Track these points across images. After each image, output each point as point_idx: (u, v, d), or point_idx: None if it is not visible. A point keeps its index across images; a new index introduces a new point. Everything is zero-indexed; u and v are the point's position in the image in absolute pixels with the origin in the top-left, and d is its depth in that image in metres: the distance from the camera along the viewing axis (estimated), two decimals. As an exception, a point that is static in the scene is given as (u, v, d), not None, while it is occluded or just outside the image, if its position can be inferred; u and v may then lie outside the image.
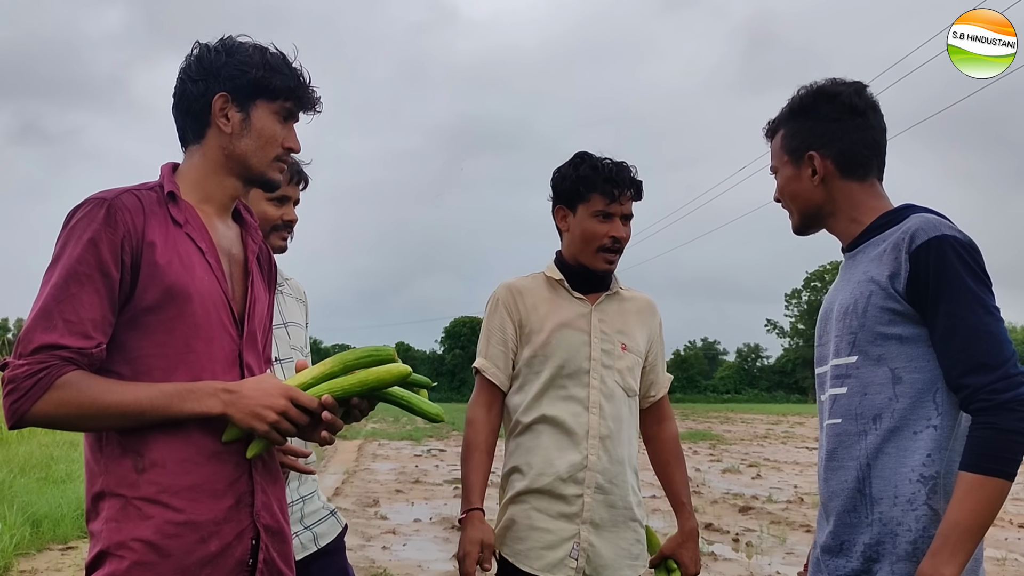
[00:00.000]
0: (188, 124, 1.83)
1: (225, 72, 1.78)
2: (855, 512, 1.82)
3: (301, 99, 1.86)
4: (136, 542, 1.62)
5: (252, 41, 1.84)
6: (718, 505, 10.54)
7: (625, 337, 2.61)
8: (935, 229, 1.75)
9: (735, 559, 7.37)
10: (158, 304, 1.67)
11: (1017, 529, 8.82)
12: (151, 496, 1.64)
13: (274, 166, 1.85)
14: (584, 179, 2.52)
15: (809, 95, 1.98)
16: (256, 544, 1.74)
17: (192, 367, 1.69)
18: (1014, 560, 7.29)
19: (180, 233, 1.73)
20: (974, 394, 1.68)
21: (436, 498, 10.98)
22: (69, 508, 7.85)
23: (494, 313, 2.59)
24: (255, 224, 1.96)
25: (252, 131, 1.81)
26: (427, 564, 6.90)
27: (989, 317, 1.71)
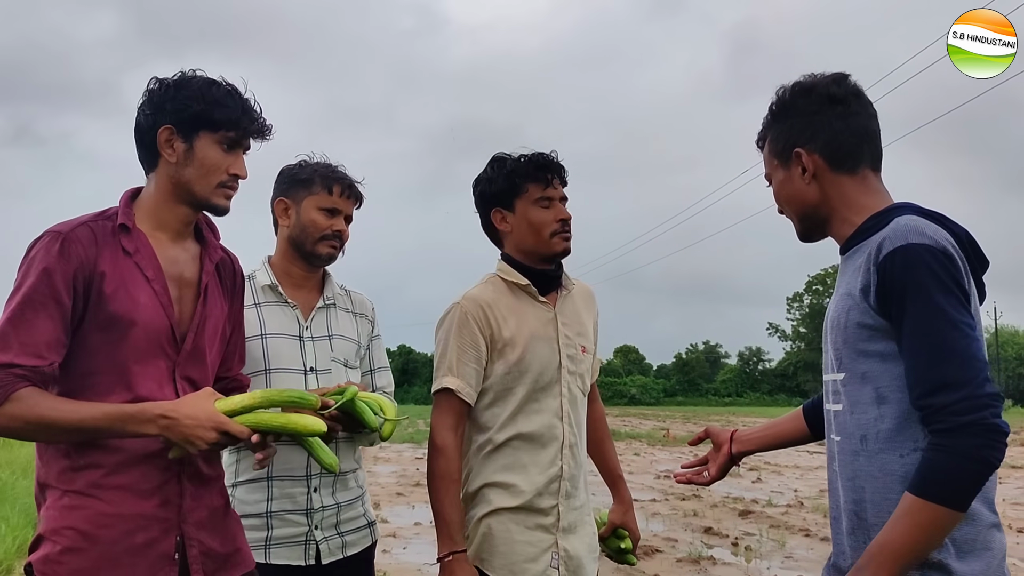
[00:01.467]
0: (142, 154, 2.00)
1: (171, 106, 1.94)
2: (854, 535, 1.72)
3: (245, 129, 1.99)
4: (69, 529, 1.82)
5: (204, 76, 1.99)
6: (718, 509, 10.55)
7: (583, 339, 2.62)
8: (902, 237, 1.62)
9: (734, 563, 7.39)
10: (103, 328, 1.86)
11: (1016, 534, 8.83)
12: (83, 490, 1.84)
13: (218, 192, 1.99)
14: (515, 173, 2.53)
15: (787, 93, 1.90)
16: (181, 541, 1.92)
17: (130, 385, 1.87)
18: (1013, 565, 7.30)
19: (129, 262, 1.90)
20: (935, 414, 1.55)
21: (437, 501, 10.97)
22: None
23: (463, 328, 2.47)
24: (215, 242, 2.12)
25: (195, 160, 1.95)
26: (427, 567, 6.92)
27: (955, 332, 1.56)
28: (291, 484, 2.47)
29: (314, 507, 2.50)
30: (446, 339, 2.49)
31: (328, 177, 2.57)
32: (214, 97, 1.94)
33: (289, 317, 2.56)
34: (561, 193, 2.56)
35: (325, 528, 2.52)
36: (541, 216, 2.51)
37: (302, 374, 2.52)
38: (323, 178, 2.57)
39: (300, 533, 2.47)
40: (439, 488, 2.44)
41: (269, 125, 2.04)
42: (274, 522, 2.45)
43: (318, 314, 2.62)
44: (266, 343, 2.50)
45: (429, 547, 7.82)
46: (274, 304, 2.56)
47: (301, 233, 2.57)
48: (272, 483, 2.47)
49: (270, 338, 2.51)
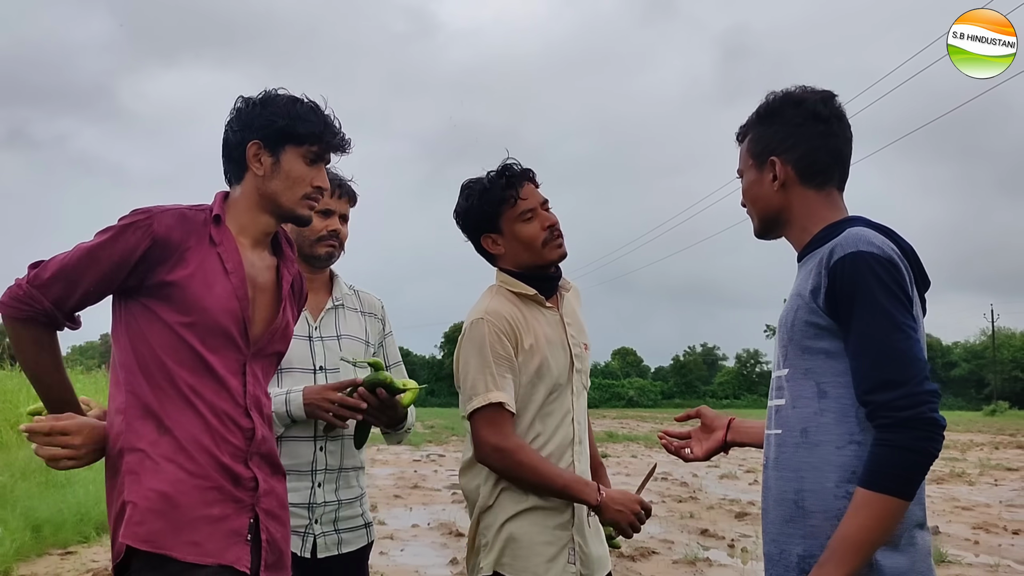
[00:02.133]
0: (230, 168, 2.12)
1: (258, 122, 2.06)
2: (792, 523, 1.82)
3: (327, 143, 2.11)
4: (151, 491, 1.89)
5: (288, 93, 2.11)
6: (714, 510, 10.59)
7: (583, 336, 2.66)
8: (853, 245, 1.74)
9: (730, 564, 7.43)
10: (176, 309, 1.96)
11: (1011, 536, 8.87)
12: (168, 454, 1.92)
13: (303, 203, 2.10)
14: (486, 199, 2.55)
15: (776, 100, 1.98)
16: (255, 523, 1.99)
17: (194, 367, 1.97)
18: (1007, 567, 7.34)
19: (213, 252, 2.01)
20: (877, 410, 1.68)
21: (435, 503, 11.02)
22: (70, 513, 7.88)
23: (495, 343, 2.44)
24: (292, 257, 2.22)
25: (281, 173, 2.07)
26: (424, 569, 6.94)
27: (898, 334, 1.69)
28: (296, 478, 2.51)
29: (316, 502, 2.57)
30: (479, 354, 2.45)
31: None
32: (298, 113, 2.07)
33: (300, 317, 2.60)
34: (539, 198, 2.56)
35: (324, 523, 2.58)
36: (528, 230, 2.53)
37: (312, 373, 2.60)
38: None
39: (300, 526, 2.53)
40: (547, 472, 2.43)
41: (349, 139, 2.16)
42: None
43: (327, 315, 2.70)
44: None
45: (427, 549, 7.86)
46: None
47: (299, 237, 2.62)
48: None
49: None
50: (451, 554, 7.50)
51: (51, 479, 10.04)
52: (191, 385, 1.95)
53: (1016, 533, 9.01)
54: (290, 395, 2.48)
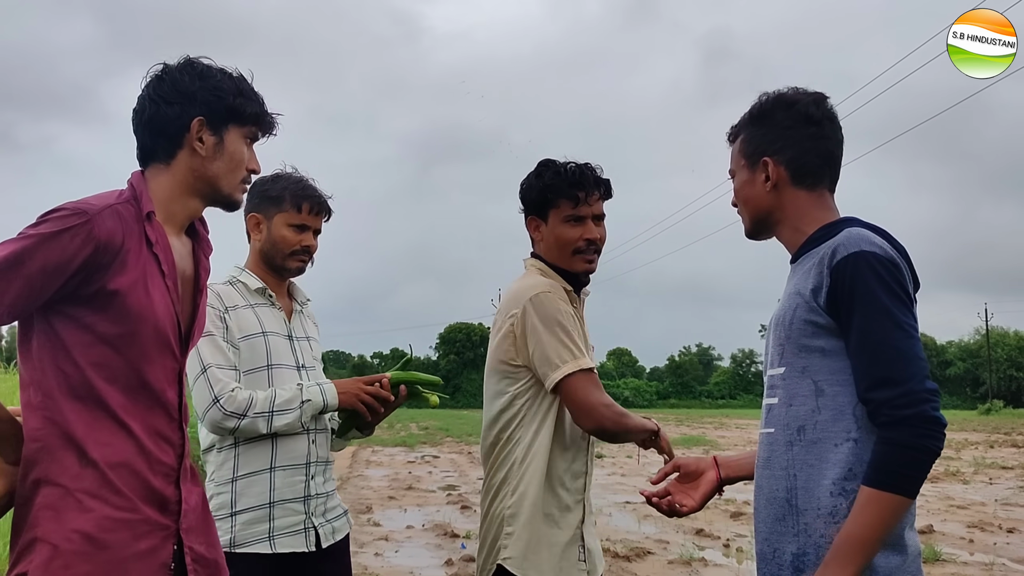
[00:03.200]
0: (159, 144, 1.88)
1: (201, 96, 1.87)
2: (784, 521, 1.83)
3: (265, 124, 1.99)
4: (75, 533, 1.69)
5: (216, 64, 1.93)
6: (709, 511, 10.56)
7: (590, 337, 2.67)
8: (855, 244, 1.75)
9: (725, 564, 7.41)
10: (115, 320, 1.74)
11: (1006, 534, 8.88)
12: (92, 490, 1.71)
13: (240, 187, 1.97)
14: (550, 187, 2.54)
15: (769, 101, 1.99)
16: (179, 549, 1.83)
17: (130, 383, 1.78)
18: (1002, 565, 7.34)
19: (149, 255, 1.81)
20: (878, 409, 1.69)
21: (429, 504, 11.00)
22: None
23: (563, 306, 2.45)
24: (207, 237, 2.04)
25: (224, 154, 1.91)
26: (419, 571, 6.92)
27: (899, 332, 1.70)
28: (293, 473, 2.58)
29: (311, 494, 2.61)
30: (557, 324, 2.41)
31: (297, 195, 2.68)
32: (243, 90, 1.92)
33: (278, 318, 2.70)
34: (596, 211, 2.56)
35: (317, 515, 2.63)
36: (568, 233, 2.53)
37: (295, 370, 2.67)
38: (292, 196, 2.68)
39: (299, 521, 2.57)
40: (625, 419, 2.48)
41: (277, 122, 2.03)
42: (276, 512, 2.53)
43: (295, 317, 2.78)
44: (267, 340, 2.62)
45: (421, 550, 7.84)
46: (265, 306, 2.69)
47: (272, 248, 2.70)
48: (275, 474, 2.55)
49: (270, 336, 2.63)
50: (446, 555, 7.49)
51: None
52: (124, 405, 1.76)
53: (1011, 531, 9.01)
54: (324, 387, 2.57)
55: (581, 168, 2.56)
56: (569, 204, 2.52)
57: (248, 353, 2.56)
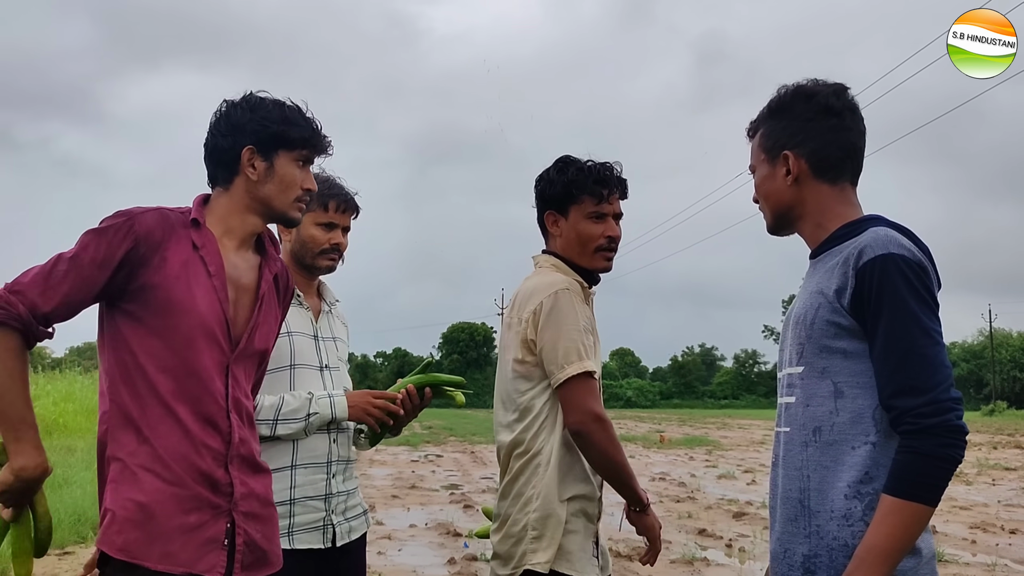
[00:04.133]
0: (219, 172, 2.12)
1: (250, 127, 2.08)
2: (796, 522, 1.81)
3: (316, 146, 2.16)
4: (129, 501, 1.91)
5: (271, 96, 2.14)
6: (712, 511, 10.58)
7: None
8: (883, 247, 1.71)
9: (728, 564, 7.42)
10: (158, 312, 1.96)
11: (1008, 535, 8.87)
12: (146, 464, 1.93)
13: (295, 206, 2.14)
14: (574, 182, 2.55)
15: (788, 94, 1.95)
16: (232, 527, 1.99)
17: (177, 372, 1.97)
18: (1004, 566, 7.34)
19: (195, 256, 2.02)
20: (901, 416, 1.66)
21: (432, 504, 11.01)
22: (67, 513, 7.87)
23: (580, 312, 2.45)
24: (275, 255, 2.23)
25: (275, 178, 2.10)
26: (422, 569, 6.93)
27: (926, 339, 1.67)
28: (314, 471, 2.62)
29: (331, 492, 2.65)
30: (567, 323, 2.41)
31: (324, 194, 2.69)
32: (289, 118, 2.10)
33: (304, 318, 2.73)
34: (616, 209, 2.58)
35: (337, 513, 2.67)
36: (590, 230, 2.55)
37: (319, 370, 2.70)
38: (319, 195, 2.65)
39: (319, 518, 2.61)
40: (620, 451, 2.47)
41: (331, 142, 2.20)
42: (296, 509, 2.57)
43: (323, 317, 2.80)
44: (292, 340, 2.65)
45: (424, 549, 7.85)
46: (292, 305, 2.68)
47: (302, 248, 2.74)
48: (296, 471, 2.59)
49: (295, 336, 2.66)
50: (448, 554, 7.50)
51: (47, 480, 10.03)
52: (172, 391, 1.95)
53: (1014, 532, 9.01)
54: (334, 399, 2.61)
55: (604, 166, 2.58)
56: (592, 201, 2.54)
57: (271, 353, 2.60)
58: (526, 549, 2.43)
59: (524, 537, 2.44)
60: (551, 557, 2.40)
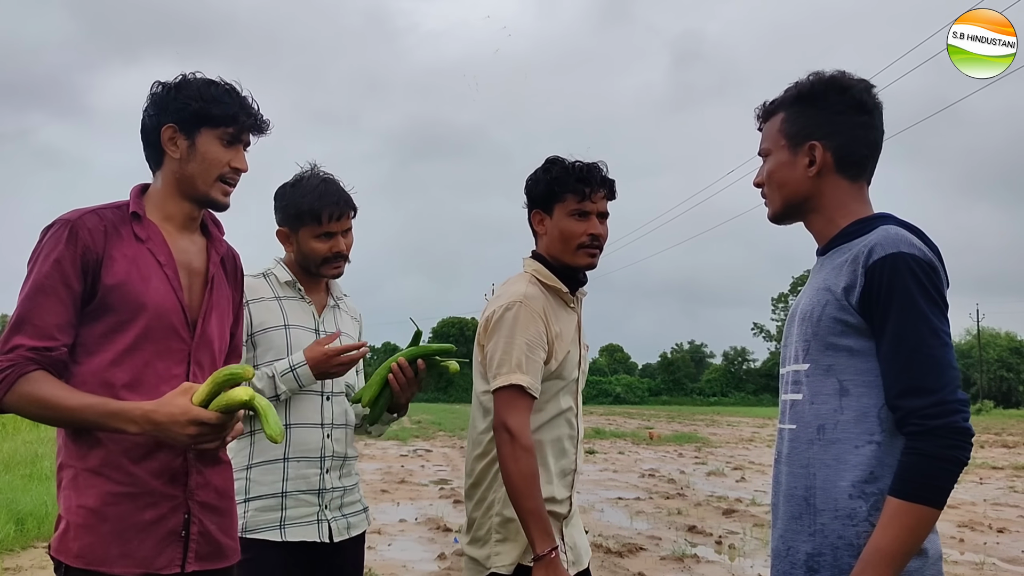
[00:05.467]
0: (149, 153, 2.10)
1: (172, 105, 2.04)
2: (800, 520, 1.80)
3: (243, 124, 2.09)
4: (80, 508, 1.90)
5: (202, 76, 2.09)
6: (702, 507, 10.59)
7: (585, 336, 2.69)
8: (894, 245, 1.70)
9: (718, 561, 7.42)
10: (116, 310, 1.94)
11: (996, 534, 8.91)
12: (95, 468, 1.91)
13: (218, 187, 2.09)
14: (557, 180, 2.56)
15: (820, 83, 1.89)
16: (188, 518, 1.98)
17: (136, 363, 1.95)
18: (992, 564, 7.37)
19: (142, 248, 2.00)
20: (907, 417, 1.65)
21: (422, 498, 11.00)
22: (54, 506, 7.79)
23: (531, 325, 2.44)
24: (219, 236, 2.21)
25: (197, 156, 2.06)
26: (412, 564, 6.93)
27: (935, 340, 1.65)
28: (306, 465, 2.61)
29: (325, 487, 2.64)
30: (510, 335, 2.42)
31: (315, 208, 2.65)
32: (212, 95, 2.05)
33: (306, 311, 2.73)
34: (600, 208, 2.58)
35: (332, 509, 2.66)
36: (572, 227, 2.54)
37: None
38: (310, 210, 2.65)
39: (311, 513, 2.61)
40: (532, 487, 2.32)
41: (267, 121, 2.15)
42: (288, 502, 2.57)
43: (327, 312, 2.81)
44: (289, 332, 2.65)
45: (414, 544, 7.84)
46: (293, 299, 2.72)
47: (304, 260, 2.73)
48: (288, 464, 2.59)
49: (292, 328, 2.67)
50: (438, 549, 7.49)
51: (35, 472, 9.98)
52: (128, 383, 1.92)
53: (1001, 531, 9.05)
54: (297, 371, 2.55)
55: (588, 165, 2.58)
56: (575, 199, 2.54)
57: (266, 346, 2.61)
58: (490, 552, 2.46)
59: (489, 540, 2.48)
60: (515, 560, 2.43)
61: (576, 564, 2.57)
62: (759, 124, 2.00)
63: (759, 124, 2.00)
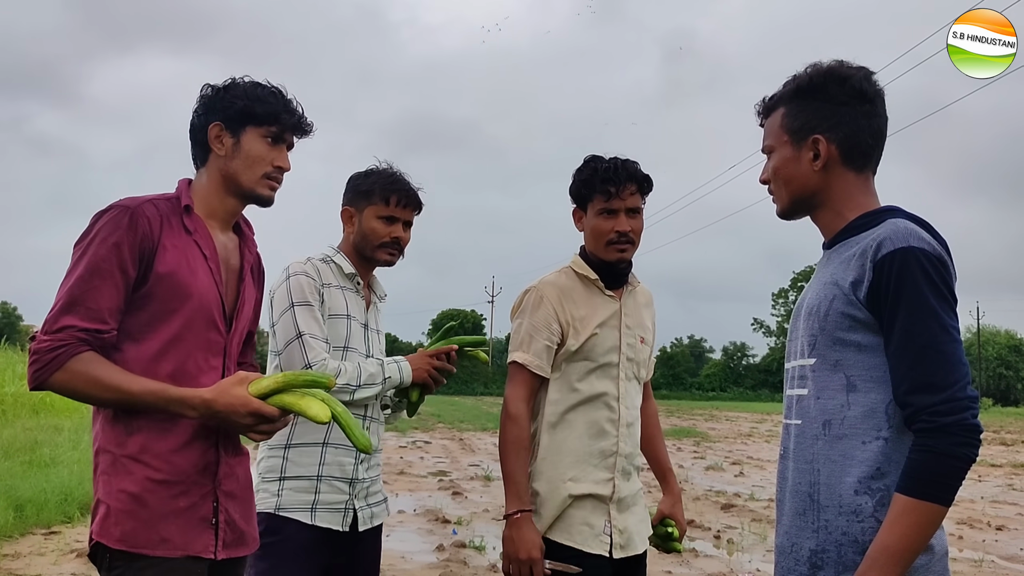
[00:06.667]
0: (195, 151, 2.18)
1: (219, 104, 2.14)
2: (804, 516, 1.79)
3: (286, 124, 2.17)
4: (121, 493, 1.95)
5: (251, 79, 2.19)
6: (700, 502, 10.61)
7: (642, 330, 2.84)
8: (903, 239, 1.67)
9: (716, 555, 7.43)
10: (164, 299, 2.00)
11: (995, 531, 8.92)
12: (135, 455, 1.97)
13: (263, 183, 2.17)
14: (586, 182, 2.74)
15: (819, 75, 1.86)
16: (216, 506, 2.05)
17: (180, 353, 2.02)
18: (991, 562, 7.37)
19: (190, 240, 2.07)
20: (917, 414, 1.62)
21: (421, 490, 11.01)
22: (53, 493, 7.84)
23: (538, 309, 2.69)
24: (251, 236, 2.30)
25: (242, 153, 2.14)
26: (410, 555, 6.93)
27: (945, 336, 1.63)
28: (343, 453, 2.67)
29: (357, 477, 2.70)
30: (521, 319, 2.72)
31: (386, 188, 2.77)
32: (258, 95, 2.14)
33: (360, 306, 2.81)
34: (629, 204, 2.71)
35: (359, 498, 2.72)
36: (601, 225, 2.71)
37: (363, 357, 2.76)
38: (382, 189, 2.77)
39: (341, 500, 2.66)
40: (511, 452, 2.63)
41: (310, 122, 2.24)
42: (322, 486, 2.63)
43: (372, 309, 2.88)
44: (350, 323, 2.73)
45: (412, 535, 7.84)
46: (351, 291, 2.79)
47: (362, 240, 2.79)
48: (326, 449, 2.65)
49: (352, 320, 2.74)
50: (437, 540, 7.49)
51: (34, 459, 9.98)
52: (171, 374, 1.99)
53: (1000, 529, 9.06)
54: (401, 365, 2.71)
55: (616, 164, 2.72)
56: (602, 198, 2.70)
57: (331, 332, 2.68)
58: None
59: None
60: (544, 528, 2.62)
61: (626, 548, 2.71)
62: (760, 120, 1.98)
63: (760, 120, 1.98)
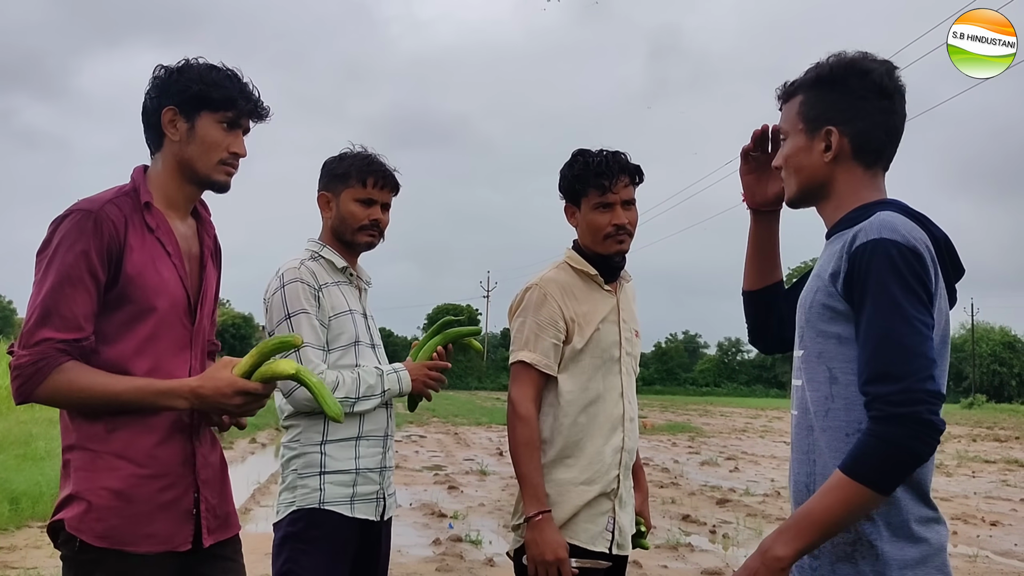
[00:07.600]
0: (149, 136, 2.13)
1: (174, 88, 2.07)
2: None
3: (242, 109, 2.12)
4: (103, 489, 1.93)
5: (205, 61, 2.12)
6: (695, 497, 10.63)
7: (635, 323, 2.85)
8: (876, 231, 1.66)
9: (711, 550, 7.45)
10: (133, 300, 1.98)
11: (989, 527, 8.95)
12: (118, 451, 1.95)
13: (219, 169, 2.12)
14: (578, 177, 2.70)
15: (840, 66, 1.83)
16: (197, 496, 2.06)
17: (155, 350, 2.01)
18: (985, 557, 7.40)
19: (152, 238, 2.03)
20: (872, 402, 1.61)
21: (416, 484, 11.02)
22: (48, 486, 7.82)
23: (542, 307, 2.65)
24: (208, 219, 2.26)
25: (196, 139, 2.08)
26: (406, 549, 6.95)
27: (905, 327, 1.60)
28: (374, 443, 2.70)
29: (386, 465, 2.75)
30: (524, 317, 2.68)
31: (363, 170, 2.73)
32: (213, 79, 2.07)
33: (355, 297, 2.78)
34: (623, 196, 2.68)
35: (386, 486, 2.75)
36: (597, 220, 2.68)
37: (371, 348, 2.76)
38: (358, 171, 2.73)
39: (373, 491, 2.69)
40: (524, 454, 2.60)
41: (267, 107, 2.17)
42: (359, 479, 2.65)
43: (363, 296, 2.86)
44: (354, 318, 2.71)
45: (408, 529, 7.85)
46: (346, 284, 2.75)
47: (341, 224, 2.74)
48: (359, 443, 2.66)
49: (355, 314, 2.72)
50: (433, 534, 7.50)
51: (29, 452, 9.96)
52: (148, 371, 1.98)
53: (994, 524, 9.10)
54: (400, 375, 2.71)
55: (607, 157, 2.68)
56: (596, 193, 2.66)
57: (338, 330, 2.65)
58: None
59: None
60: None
61: (622, 547, 2.70)
62: (779, 105, 1.96)
63: (779, 105, 1.96)
